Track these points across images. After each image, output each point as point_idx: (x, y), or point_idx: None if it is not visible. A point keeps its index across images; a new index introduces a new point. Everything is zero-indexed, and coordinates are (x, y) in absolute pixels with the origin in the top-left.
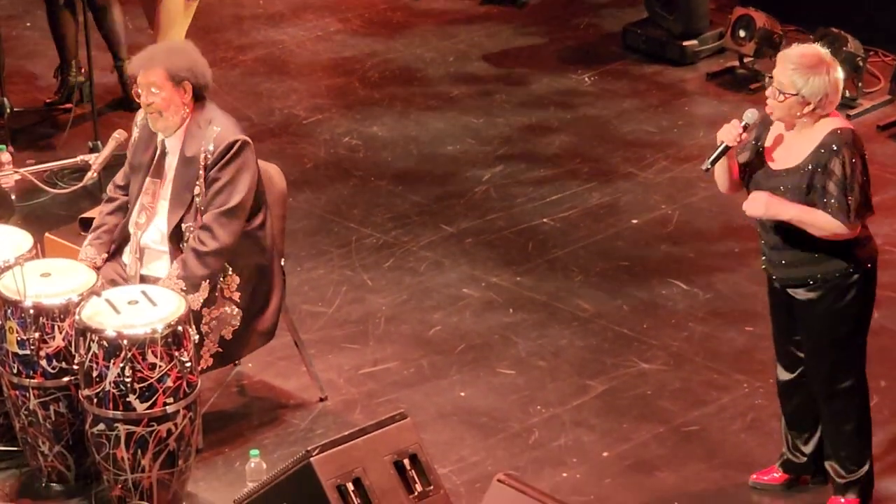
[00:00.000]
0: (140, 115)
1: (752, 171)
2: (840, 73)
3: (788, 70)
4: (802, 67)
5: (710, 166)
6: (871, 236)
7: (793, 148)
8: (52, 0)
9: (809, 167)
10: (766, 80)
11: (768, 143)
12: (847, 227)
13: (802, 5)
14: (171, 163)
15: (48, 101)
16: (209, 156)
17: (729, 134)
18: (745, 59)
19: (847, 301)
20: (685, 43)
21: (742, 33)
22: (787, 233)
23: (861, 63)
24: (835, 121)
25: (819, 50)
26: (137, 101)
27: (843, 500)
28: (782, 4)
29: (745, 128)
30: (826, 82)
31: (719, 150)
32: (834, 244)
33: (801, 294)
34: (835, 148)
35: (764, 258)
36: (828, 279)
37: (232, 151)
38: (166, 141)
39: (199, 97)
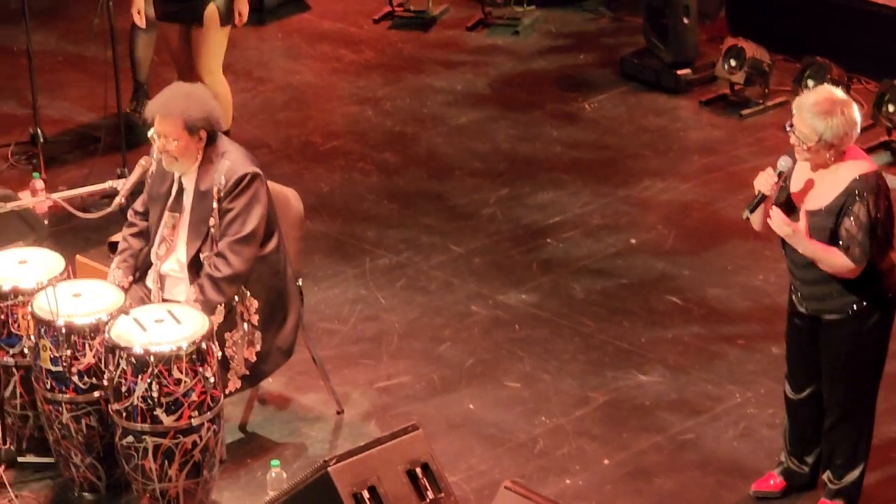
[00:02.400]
0: (156, 146)
1: (783, 211)
2: (855, 109)
3: (807, 120)
4: (819, 115)
5: (749, 214)
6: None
7: (820, 190)
8: (134, 25)
9: (835, 211)
10: (788, 128)
11: (796, 184)
12: (859, 267)
13: (789, 36)
14: (188, 198)
15: (129, 110)
16: (221, 188)
17: (766, 184)
18: (736, 87)
19: (869, 327)
20: (679, 72)
21: (733, 62)
22: (820, 270)
23: (845, 90)
24: (860, 165)
25: (831, 92)
26: (153, 143)
27: (831, 503)
28: (770, 35)
29: (780, 175)
30: (843, 122)
31: (757, 199)
32: (862, 275)
33: (828, 317)
34: (860, 194)
35: (795, 292)
36: (859, 306)
37: (243, 184)
38: (182, 178)
39: (212, 137)
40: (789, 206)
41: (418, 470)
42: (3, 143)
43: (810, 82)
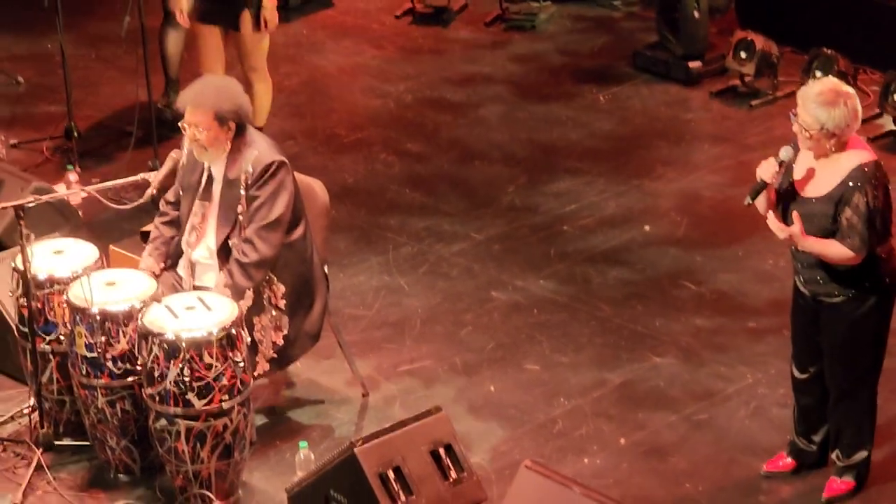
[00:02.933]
0: (187, 140)
1: (785, 197)
2: (857, 100)
3: (811, 109)
4: (823, 105)
5: (751, 201)
6: (894, 253)
7: (821, 178)
8: (165, 23)
9: (836, 198)
10: (792, 116)
11: (799, 171)
12: (860, 256)
13: (797, 28)
14: (217, 187)
15: (160, 105)
16: (249, 177)
17: (767, 171)
18: (746, 78)
19: (870, 306)
20: (690, 64)
21: (742, 55)
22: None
23: (851, 80)
24: (861, 154)
25: (834, 83)
26: (184, 133)
27: (841, 481)
28: (779, 28)
29: (781, 164)
30: (846, 113)
31: (758, 186)
32: (862, 261)
33: (829, 300)
34: (860, 184)
35: (798, 275)
36: (850, 289)
37: (269, 172)
38: (212, 167)
39: (241, 129)
40: (791, 194)
41: (441, 451)
42: (39, 137)
43: (818, 73)
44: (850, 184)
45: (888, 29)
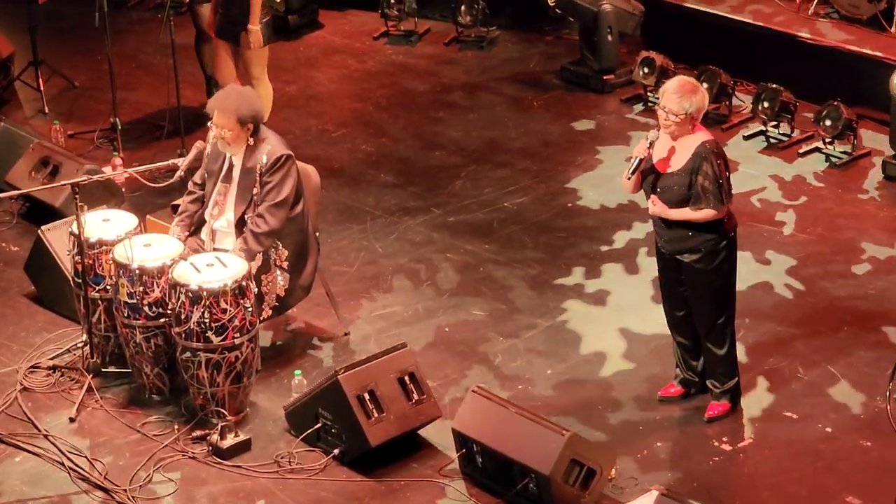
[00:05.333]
0: (212, 133)
1: (648, 174)
2: (705, 90)
3: (675, 99)
4: (686, 94)
5: (631, 175)
6: (733, 214)
7: (676, 155)
8: (198, 38)
9: (690, 169)
10: (657, 108)
11: (658, 154)
12: (721, 211)
13: (689, 49)
14: (237, 172)
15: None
16: (263, 166)
17: (641, 150)
18: (649, 89)
19: (720, 260)
20: (605, 77)
21: (646, 70)
22: (673, 220)
23: (731, 91)
24: (703, 134)
25: (686, 78)
26: (211, 131)
27: (718, 403)
28: (674, 48)
29: (651, 144)
30: (702, 98)
31: (636, 162)
32: (708, 222)
33: (686, 258)
34: (705, 155)
35: (658, 235)
36: (706, 246)
37: (280, 163)
38: (232, 157)
39: (257, 127)
40: (654, 171)
41: (406, 378)
42: (91, 129)
43: (705, 84)
44: (698, 157)
45: (760, 50)
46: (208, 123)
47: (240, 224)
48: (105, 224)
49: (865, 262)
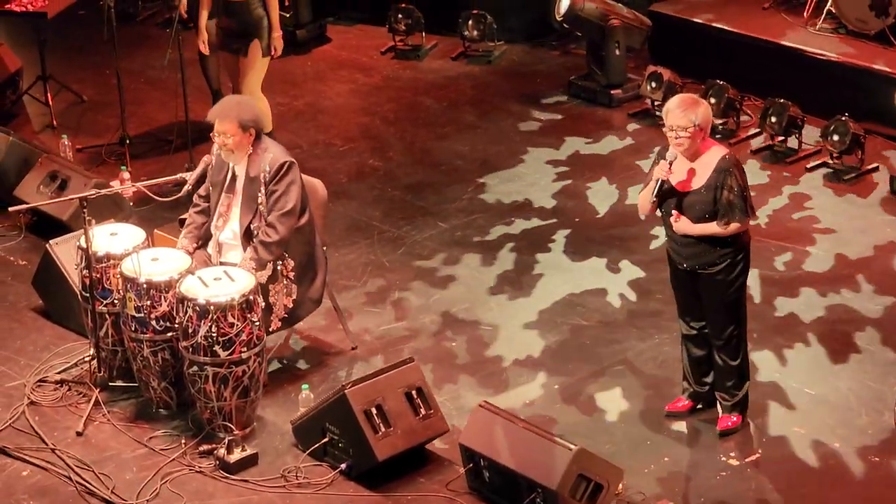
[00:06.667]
0: (217, 146)
1: (666, 196)
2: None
3: (680, 114)
4: (689, 107)
5: (654, 198)
6: (748, 228)
7: (695, 173)
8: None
9: (713, 185)
10: (665, 131)
11: (677, 175)
12: (745, 224)
13: (696, 64)
14: (240, 182)
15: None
16: (266, 174)
17: (662, 171)
18: (656, 103)
19: (736, 273)
20: (613, 91)
21: (653, 84)
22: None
23: (738, 105)
24: (719, 148)
25: (684, 94)
26: (214, 140)
27: (729, 416)
28: (682, 63)
29: (671, 163)
30: (706, 109)
31: (658, 184)
32: (724, 237)
33: (705, 270)
34: (729, 169)
35: (675, 253)
36: (726, 258)
37: (283, 169)
38: (235, 167)
39: (258, 135)
40: (673, 192)
41: (414, 392)
42: (99, 144)
43: (713, 99)
44: (721, 171)
45: (768, 65)
46: (210, 134)
47: (246, 234)
48: (113, 238)
49: (872, 278)
